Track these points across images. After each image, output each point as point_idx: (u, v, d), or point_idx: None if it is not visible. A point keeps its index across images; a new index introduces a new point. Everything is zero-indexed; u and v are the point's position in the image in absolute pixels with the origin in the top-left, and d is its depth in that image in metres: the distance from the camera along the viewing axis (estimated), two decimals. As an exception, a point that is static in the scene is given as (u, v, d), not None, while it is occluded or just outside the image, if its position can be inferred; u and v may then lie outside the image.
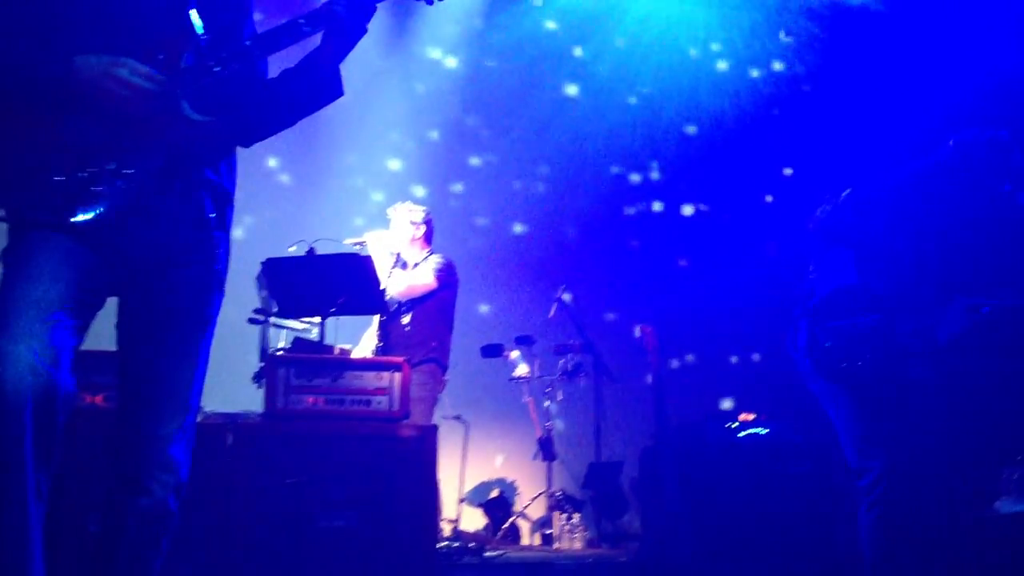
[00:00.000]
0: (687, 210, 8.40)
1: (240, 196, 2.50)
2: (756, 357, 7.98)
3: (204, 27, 2.26)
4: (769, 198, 8.23)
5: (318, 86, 2.38)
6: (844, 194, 3.51)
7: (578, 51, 8.21)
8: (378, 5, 2.32)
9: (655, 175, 8.44)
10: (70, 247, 2.10)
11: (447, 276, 5.53)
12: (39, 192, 2.06)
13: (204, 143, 2.29)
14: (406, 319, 5.48)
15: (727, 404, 7.69)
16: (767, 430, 4.99)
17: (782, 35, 3.31)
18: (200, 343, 2.31)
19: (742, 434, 5.00)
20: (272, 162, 7.66)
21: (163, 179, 2.20)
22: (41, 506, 1.99)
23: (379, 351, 5.36)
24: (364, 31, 2.32)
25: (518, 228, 8.12)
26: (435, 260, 5.58)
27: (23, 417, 1.92)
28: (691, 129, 8.37)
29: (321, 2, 2.30)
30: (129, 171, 2.13)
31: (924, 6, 6.87)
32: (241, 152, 2.49)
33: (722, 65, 8.23)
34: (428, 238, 5.74)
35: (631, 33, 8.10)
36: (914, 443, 3.44)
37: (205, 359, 2.33)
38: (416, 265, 5.63)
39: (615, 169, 8.35)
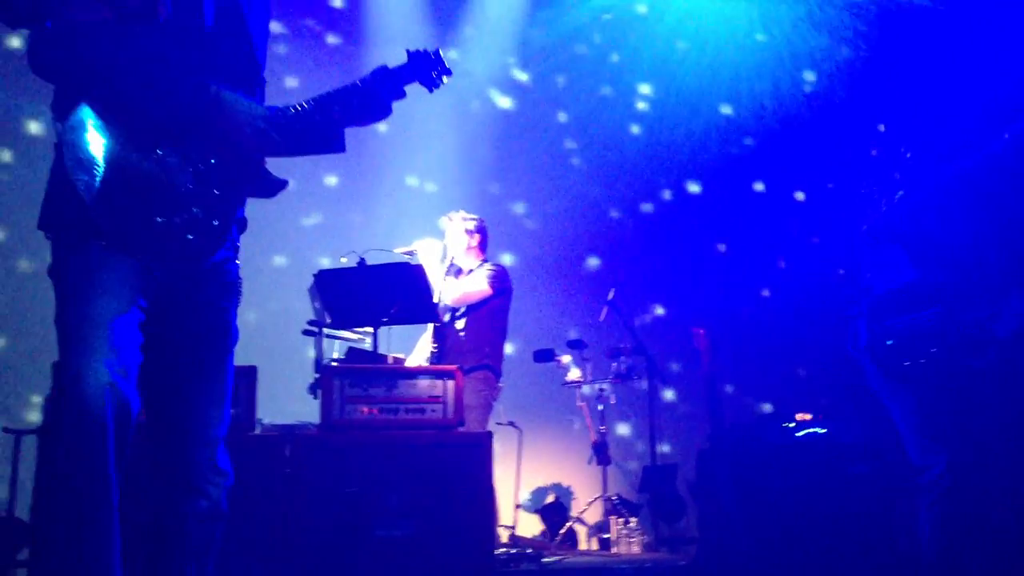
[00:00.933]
0: (740, 202, 8.34)
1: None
2: (807, 362, 7.87)
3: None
4: (801, 196, 8.13)
5: (331, 142, 2.58)
6: (898, 196, 3.47)
7: (615, 56, 8.21)
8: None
9: (695, 188, 8.39)
10: (130, 266, 2.18)
11: (501, 283, 5.57)
12: (140, 230, 2.15)
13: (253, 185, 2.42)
14: (460, 324, 5.51)
15: (767, 408, 7.62)
16: (824, 430, 4.93)
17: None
18: (232, 348, 2.44)
19: (800, 434, 4.95)
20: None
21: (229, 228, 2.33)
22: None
23: (434, 357, 5.40)
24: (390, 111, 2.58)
25: (567, 232, 8.11)
26: (489, 267, 5.63)
27: (107, 430, 2.03)
28: (747, 141, 8.33)
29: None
30: (215, 222, 2.24)
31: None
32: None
33: (764, 59, 8.17)
34: (483, 246, 5.80)
35: (671, 27, 8.07)
36: (978, 438, 3.39)
37: (233, 363, 2.46)
38: (470, 272, 5.66)
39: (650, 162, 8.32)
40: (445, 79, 2.69)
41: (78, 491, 2.02)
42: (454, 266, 5.71)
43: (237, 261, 2.49)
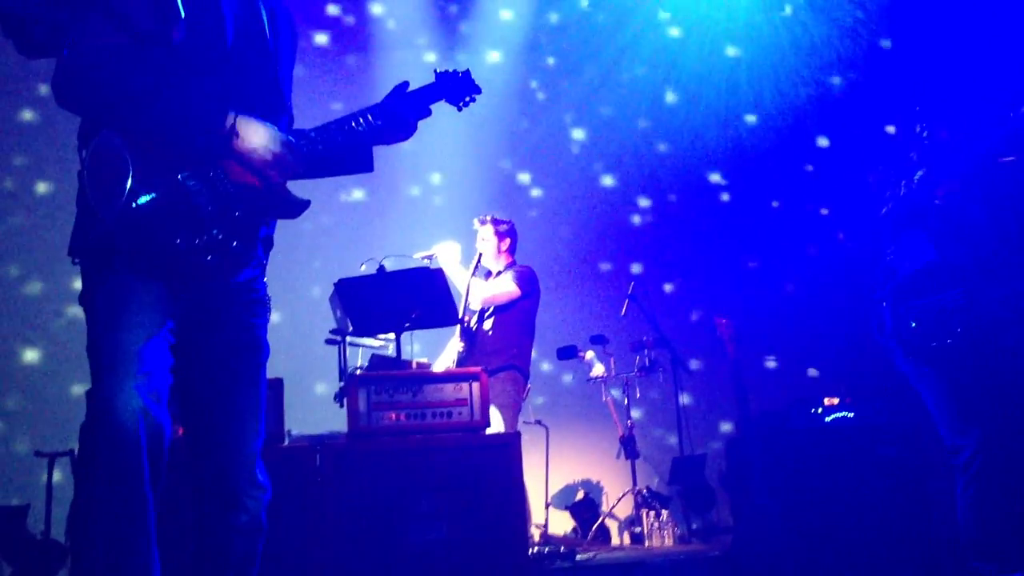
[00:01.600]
0: (755, 201, 8.30)
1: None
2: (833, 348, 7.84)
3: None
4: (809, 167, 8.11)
5: (358, 162, 2.66)
6: (917, 176, 3.45)
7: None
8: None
9: (716, 178, 8.36)
10: (157, 289, 2.21)
11: (529, 284, 5.58)
12: (161, 252, 2.17)
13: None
14: (488, 325, 5.53)
15: (813, 372, 7.58)
16: (852, 414, 4.91)
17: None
18: (264, 363, 2.47)
19: (828, 418, 4.93)
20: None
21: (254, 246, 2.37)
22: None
23: (461, 358, 5.41)
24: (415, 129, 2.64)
25: (587, 228, 8.10)
26: (517, 269, 5.64)
27: (140, 453, 2.07)
28: (750, 117, 8.29)
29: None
30: (235, 243, 2.26)
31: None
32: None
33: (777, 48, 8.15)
34: (512, 249, 5.82)
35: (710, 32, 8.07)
36: (1010, 415, 3.37)
37: (266, 377, 2.49)
38: (499, 274, 5.68)
39: (660, 149, 8.29)
40: (474, 98, 2.78)
41: (115, 515, 2.05)
42: (482, 268, 5.72)
43: (264, 279, 2.52)
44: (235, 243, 2.26)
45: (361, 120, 2.52)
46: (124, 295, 2.17)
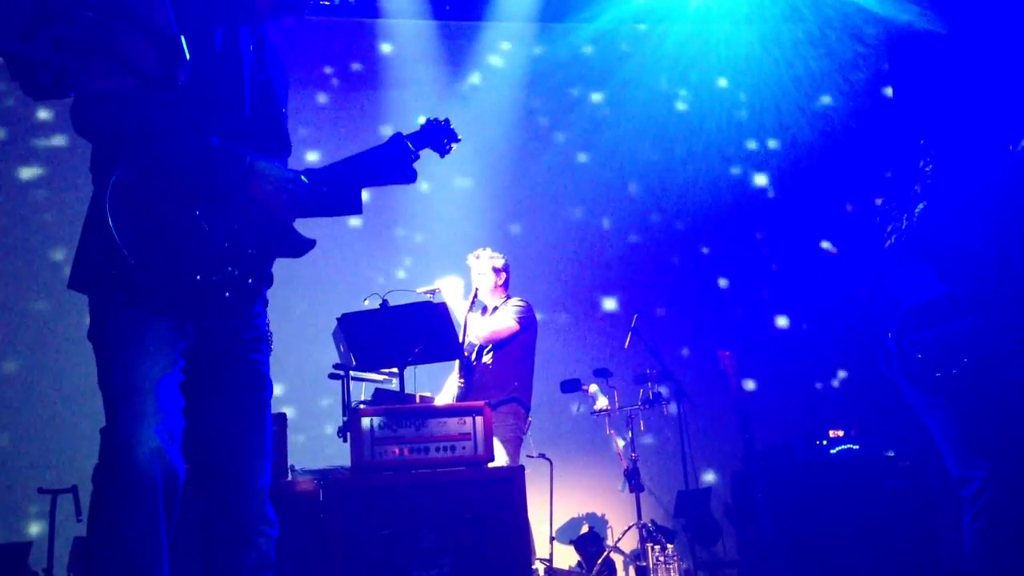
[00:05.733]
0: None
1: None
2: (840, 376, 7.81)
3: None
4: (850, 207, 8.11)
5: (352, 204, 2.71)
6: (918, 209, 3.46)
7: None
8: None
9: (708, 199, 8.38)
10: (167, 327, 2.23)
11: (527, 319, 5.60)
12: (181, 288, 2.20)
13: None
14: (487, 359, 5.54)
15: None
16: (857, 446, 4.89)
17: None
18: (269, 399, 2.49)
19: (834, 451, 4.92)
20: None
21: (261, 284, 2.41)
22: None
23: (462, 393, 5.40)
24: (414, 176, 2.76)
25: (579, 260, 8.11)
26: (515, 304, 5.67)
27: (156, 493, 2.09)
28: (752, 144, 8.33)
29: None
30: (250, 280, 2.32)
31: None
32: None
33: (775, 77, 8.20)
34: (507, 284, 5.86)
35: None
36: (1017, 446, 3.35)
37: (271, 413, 2.52)
38: (495, 309, 5.69)
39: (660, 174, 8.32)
40: (454, 146, 2.93)
41: (132, 556, 2.07)
42: (479, 302, 5.74)
43: (266, 315, 2.54)
44: (250, 280, 2.30)
45: (361, 163, 2.62)
46: (137, 332, 2.18)
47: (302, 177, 2.44)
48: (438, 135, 2.88)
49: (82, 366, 2.30)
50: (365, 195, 2.74)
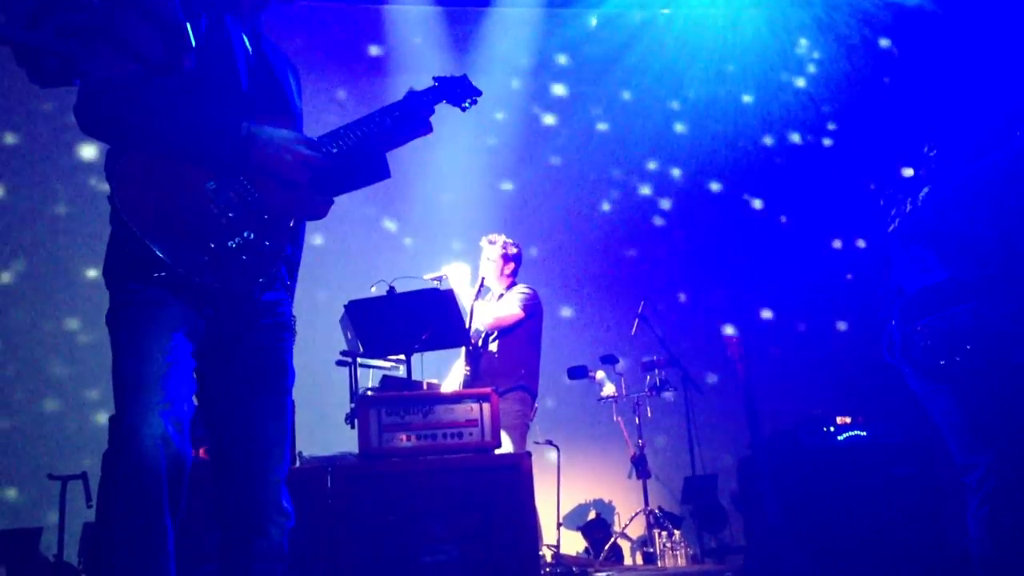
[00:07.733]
0: (763, 211, 8.30)
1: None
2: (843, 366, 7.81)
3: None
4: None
5: (376, 169, 2.69)
6: (922, 193, 3.44)
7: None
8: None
9: (716, 186, 8.36)
10: (185, 313, 2.23)
11: (532, 306, 5.58)
12: (197, 256, 2.20)
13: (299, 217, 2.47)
14: (494, 347, 5.52)
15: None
16: (865, 433, 4.89)
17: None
18: (290, 388, 2.46)
19: (841, 437, 4.91)
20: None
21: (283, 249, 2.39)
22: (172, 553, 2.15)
23: (468, 380, 5.41)
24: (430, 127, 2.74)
25: (590, 246, 8.10)
26: (520, 290, 5.64)
27: (161, 481, 2.08)
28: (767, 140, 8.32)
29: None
30: (267, 242, 2.31)
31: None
32: None
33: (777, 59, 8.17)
34: (515, 272, 5.83)
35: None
36: (1022, 432, 3.34)
37: (292, 402, 2.49)
38: (501, 296, 5.68)
39: (675, 173, 8.30)
40: (476, 100, 2.88)
41: (136, 542, 2.07)
42: (485, 289, 5.72)
43: (291, 304, 2.54)
44: (267, 242, 2.30)
45: (376, 118, 2.60)
46: (150, 318, 2.18)
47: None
48: (456, 91, 2.83)
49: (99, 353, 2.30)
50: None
